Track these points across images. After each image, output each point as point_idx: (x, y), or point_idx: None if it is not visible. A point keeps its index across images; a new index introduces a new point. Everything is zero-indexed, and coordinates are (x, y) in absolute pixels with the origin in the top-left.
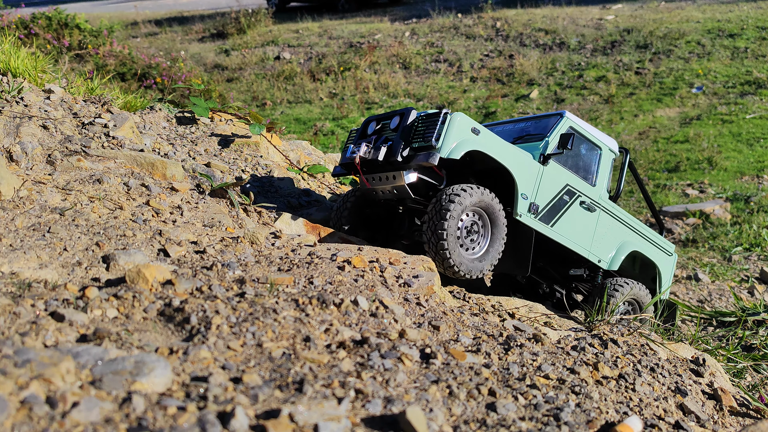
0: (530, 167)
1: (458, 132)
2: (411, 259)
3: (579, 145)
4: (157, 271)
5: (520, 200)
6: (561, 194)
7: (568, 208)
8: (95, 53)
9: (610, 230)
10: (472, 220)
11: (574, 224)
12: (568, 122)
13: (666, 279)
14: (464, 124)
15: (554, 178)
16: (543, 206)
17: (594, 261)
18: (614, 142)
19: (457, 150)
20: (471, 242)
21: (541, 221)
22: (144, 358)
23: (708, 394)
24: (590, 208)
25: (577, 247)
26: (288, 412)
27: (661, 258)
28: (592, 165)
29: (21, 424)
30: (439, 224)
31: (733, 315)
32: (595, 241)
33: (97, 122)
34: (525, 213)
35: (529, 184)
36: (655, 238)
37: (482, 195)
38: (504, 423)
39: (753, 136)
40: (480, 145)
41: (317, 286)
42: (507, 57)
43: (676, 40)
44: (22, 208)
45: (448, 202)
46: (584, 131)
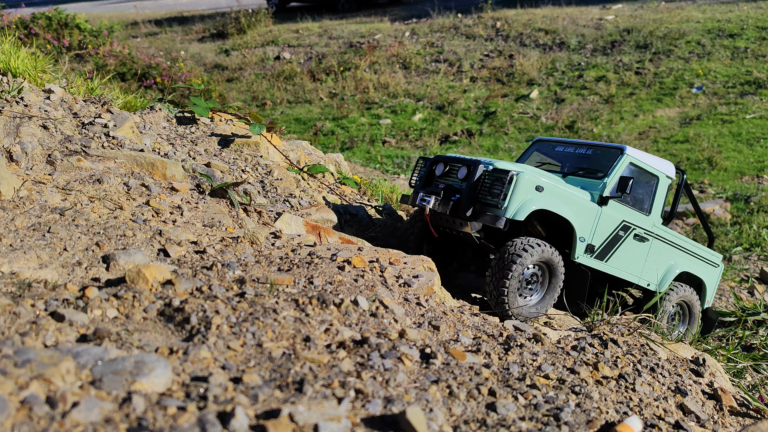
0: (589, 211)
1: (523, 192)
2: (411, 259)
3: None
4: (157, 271)
5: (578, 244)
6: (617, 231)
7: (622, 242)
8: (95, 53)
9: (660, 255)
10: (533, 272)
11: (628, 256)
12: (629, 159)
13: (711, 290)
14: (529, 184)
15: (611, 217)
16: (599, 245)
17: (644, 285)
18: (671, 167)
19: (522, 211)
20: (529, 291)
21: (597, 259)
22: (144, 358)
23: (708, 394)
24: (643, 239)
25: (630, 276)
26: (288, 412)
27: (708, 271)
28: (648, 195)
29: (21, 424)
30: (502, 278)
31: (733, 315)
32: (647, 267)
33: (97, 122)
34: (582, 255)
35: (586, 228)
36: (702, 254)
37: (545, 252)
38: (504, 423)
39: (753, 136)
40: (543, 203)
41: (317, 286)
42: (507, 57)
43: (676, 40)
44: (22, 208)
45: (514, 256)
46: (643, 164)
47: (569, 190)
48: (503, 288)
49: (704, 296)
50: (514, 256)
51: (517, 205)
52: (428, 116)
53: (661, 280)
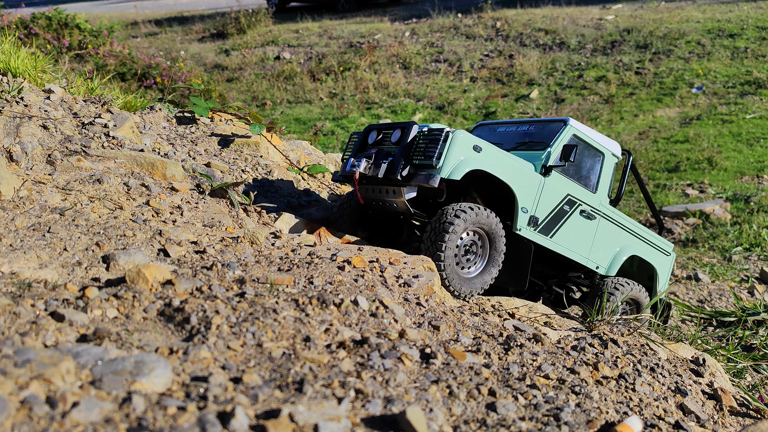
0: (531, 180)
1: (459, 151)
2: (411, 259)
3: (582, 153)
4: (157, 271)
5: (520, 215)
6: (561, 205)
7: (568, 217)
8: (95, 53)
9: (609, 236)
10: (472, 239)
11: (574, 233)
12: (572, 130)
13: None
14: (466, 143)
15: (555, 189)
16: (543, 218)
17: (592, 267)
18: (617, 146)
19: (458, 170)
20: (467, 261)
21: (541, 233)
22: (144, 358)
23: (708, 394)
24: (590, 216)
25: (576, 256)
26: (288, 412)
27: (659, 259)
28: (594, 172)
29: (21, 424)
30: (438, 239)
31: (733, 315)
32: (594, 248)
33: (97, 122)
34: (524, 227)
35: (529, 198)
36: (653, 240)
37: (486, 217)
38: (504, 423)
39: (753, 136)
40: (481, 163)
41: (317, 286)
42: (507, 57)
43: (676, 40)
44: (22, 208)
45: (452, 217)
46: (588, 138)
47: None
48: (441, 244)
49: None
50: (447, 224)
51: (453, 164)
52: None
53: (610, 263)
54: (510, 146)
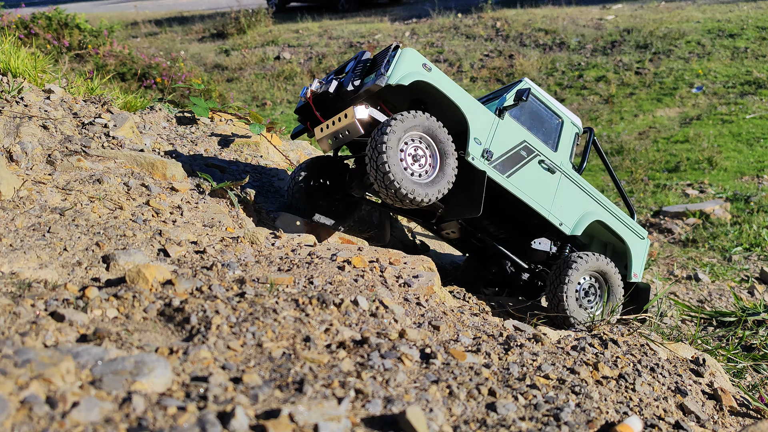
0: (485, 115)
1: (409, 64)
2: (411, 259)
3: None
4: (157, 271)
5: (473, 143)
6: (518, 149)
7: (525, 163)
8: (95, 53)
9: (572, 196)
10: (417, 145)
11: (533, 181)
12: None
13: (637, 260)
14: (415, 58)
15: (511, 132)
16: (498, 155)
17: (555, 223)
18: (578, 119)
19: (406, 78)
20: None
21: (496, 169)
22: (144, 358)
23: (708, 394)
24: (551, 169)
25: (537, 205)
26: (288, 412)
27: (632, 238)
28: (553, 132)
29: (21, 424)
30: (379, 140)
31: (733, 315)
32: (556, 203)
33: (97, 122)
34: (478, 156)
35: (483, 131)
36: (624, 218)
37: (426, 120)
38: (504, 423)
39: (753, 136)
40: (430, 78)
41: (317, 286)
42: (507, 57)
43: (676, 40)
44: (22, 208)
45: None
46: (545, 99)
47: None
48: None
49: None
50: (385, 127)
51: (402, 73)
52: None
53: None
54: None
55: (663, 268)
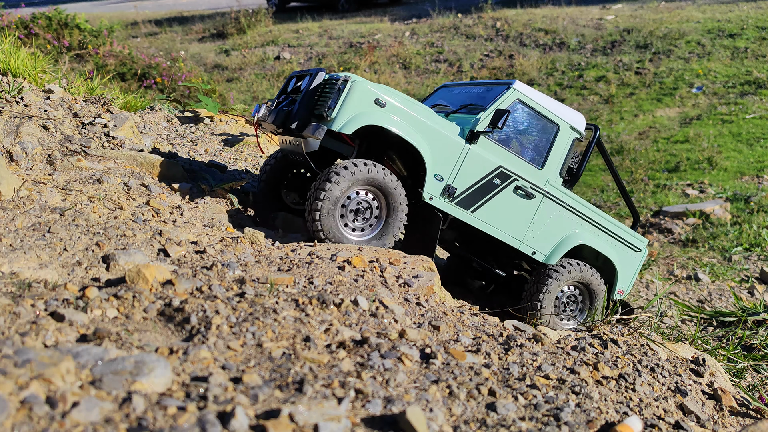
0: (450, 146)
1: (358, 103)
2: (411, 259)
3: (528, 121)
4: (157, 271)
5: (432, 181)
6: (490, 177)
7: (497, 193)
8: (95, 53)
9: (553, 220)
10: (364, 198)
11: (504, 211)
12: (516, 95)
13: (624, 277)
14: (366, 95)
15: (482, 159)
16: (463, 189)
17: (527, 252)
18: (580, 119)
19: (351, 124)
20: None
21: (459, 206)
22: (144, 358)
23: (708, 394)
24: (529, 195)
25: (505, 236)
26: (288, 412)
27: (621, 253)
28: (542, 144)
29: (21, 424)
30: (315, 199)
31: (733, 315)
32: (532, 230)
33: (97, 122)
34: (437, 196)
35: (446, 165)
36: (617, 231)
37: (373, 173)
38: (504, 423)
39: (753, 136)
40: (380, 119)
41: (317, 286)
42: (507, 57)
43: (676, 40)
44: (22, 208)
45: (331, 175)
46: (537, 106)
47: (427, 116)
48: (315, 211)
49: (615, 284)
50: (331, 175)
51: (348, 117)
52: None
53: (552, 250)
54: (454, 108)
55: (663, 268)
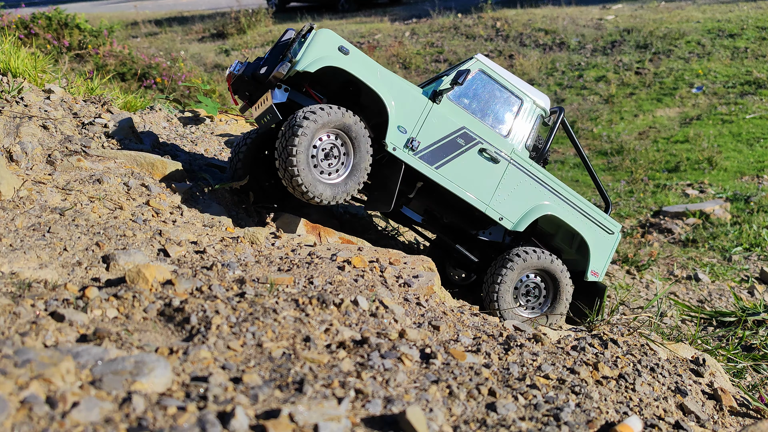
0: (413, 100)
1: (322, 48)
2: (411, 259)
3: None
4: (157, 271)
5: (395, 132)
6: (453, 136)
7: (461, 152)
8: (95, 53)
9: (521, 188)
10: (332, 142)
11: (469, 172)
12: (478, 64)
13: (598, 258)
14: (330, 41)
15: (445, 119)
16: (427, 145)
17: (494, 218)
18: (545, 99)
19: (314, 65)
20: (329, 166)
21: (422, 160)
22: (144, 358)
23: (708, 394)
24: (494, 159)
25: (470, 198)
26: (288, 412)
27: (593, 232)
28: (507, 115)
29: (21, 424)
30: (289, 142)
31: (733, 315)
32: (499, 195)
33: (97, 122)
34: (400, 147)
35: (409, 118)
36: (589, 211)
37: (342, 116)
38: (504, 423)
39: (753, 136)
40: (344, 62)
41: (317, 286)
42: (507, 57)
43: (676, 40)
44: (22, 208)
45: (301, 120)
46: (499, 78)
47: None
48: (291, 149)
49: (588, 263)
50: (306, 114)
51: (312, 59)
52: None
53: (520, 218)
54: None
55: (663, 268)
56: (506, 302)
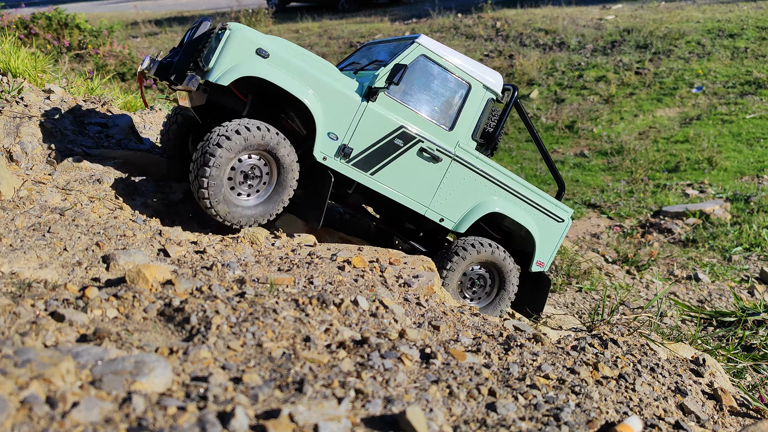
0: (345, 102)
1: (237, 53)
2: (411, 259)
3: (434, 78)
4: (157, 271)
5: (325, 139)
6: (391, 138)
7: (399, 155)
8: (95, 53)
9: (464, 185)
10: (253, 163)
11: (406, 175)
12: (420, 50)
13: (544, 247)
14: (246, 44)
15: (381, 118)
16: (360, 150)
17: (434, 219)
18: (496, 78)
19: (228, 75)
20: (249, 188)
21: (356, 167)
22: (144, 358)
23: (708, 394)
24: (435, 158)
25: (408, 201)
26: (288, 412)
27: (541, 223)
28: (452, 104)
29: (21, 424)
30: (201, 170)
31: (733, 315)
32: (439, 196)
33: (97, 122)
34: (331, 156)
35: (340, 123)
36: (537, 200)
37: (265, 137)
38: (504, 423)
39: (753, 136)
40: (261, 70)
41: (317, 286)
42: (507, 57)
43: (676, 40)
44: (22, 208)
45: (214, 146)
46: (444, 62)
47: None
48: (203, 179)
49: (534, 254)
50: (223, 139)
51: (226, 67)
52: None
53: (462, 218)
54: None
55: (663, 268)
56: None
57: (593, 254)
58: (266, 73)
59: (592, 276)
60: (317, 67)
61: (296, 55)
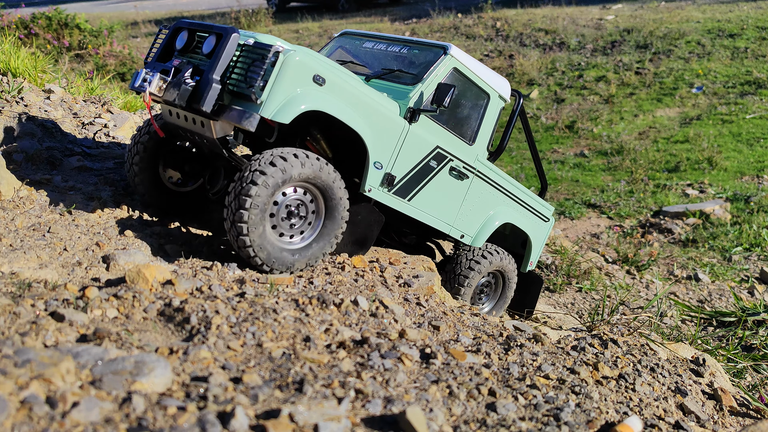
0: (392, 127)
1: (293, 81)
2: (411, 259)
3: (462, 94)
4: (157, 271)
5: (372, 171)
6: (428, 159)
7: (433, 176)
8: (95, 53)
9: (481, 199)
10: (297, 198)
11: (439, 196)
12: (453, 63)
13: (537, 249)
14: (304, 71)
15: (422, 141)
16: (402, 176)
17: (456, 237)
18: (506, 85)
19: (287, 111)
20: (291, 228)
21: (396, 195)
22: (144, 358)
23: (708, 394)
24: (461, 175)
25: (438, 223)
26: (288, 412)
27: (535, 227)
28: (474, 117)
29: (21, 424)
30: (237, 215)
31: (733, 315)
32: (462, 213)
33: (97, 122)
34: (376, 187)
35: (386, 150)
36: (532, 204)
37: (316, 169)
38: (504, 423)
39: (753, 136)
40: (322, 102)
41: (317, 286)
42: (507, 57)
43: (676, 40)
44: (22, 208)
45: (248, 184)
46: (472, 75)
47: (368, 92)
48: (241, 223)
49: (528, 256)
50: (257, 174)
51: (282, 100)
52: None
53: (479, 231)
54: (374, 71)
55: (663, 268)
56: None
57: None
58: (330, 108)
59: (592, 276)
60: (361, 90)
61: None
